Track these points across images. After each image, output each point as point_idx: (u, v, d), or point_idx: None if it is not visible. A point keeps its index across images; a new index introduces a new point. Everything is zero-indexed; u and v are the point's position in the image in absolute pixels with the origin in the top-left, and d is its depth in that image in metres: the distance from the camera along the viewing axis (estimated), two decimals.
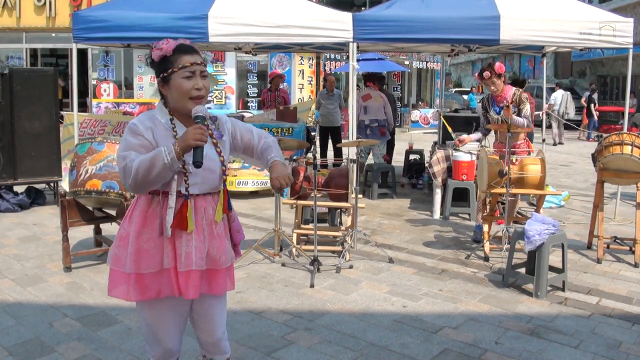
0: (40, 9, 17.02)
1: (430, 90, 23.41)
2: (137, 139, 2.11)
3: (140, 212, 2.17)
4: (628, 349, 3.34)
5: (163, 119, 2.17)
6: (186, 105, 2.14)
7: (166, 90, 2.17)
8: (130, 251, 2.14)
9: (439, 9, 6.02)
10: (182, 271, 2.15)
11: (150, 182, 2.06)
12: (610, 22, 5.94)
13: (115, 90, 18.01)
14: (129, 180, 2.06)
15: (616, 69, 23.34)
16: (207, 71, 2.22)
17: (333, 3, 14.75)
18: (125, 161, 2.06)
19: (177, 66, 2.12)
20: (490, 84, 5.30)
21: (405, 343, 3.39)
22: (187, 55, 2.14)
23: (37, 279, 4.41)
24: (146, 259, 2.15)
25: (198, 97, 2.14)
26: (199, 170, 2.11)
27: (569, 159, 12.75)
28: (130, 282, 2.16)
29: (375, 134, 8.14)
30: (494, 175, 4.93)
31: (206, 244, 2.21)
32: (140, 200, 2.19)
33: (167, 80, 2.14)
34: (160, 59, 2.15)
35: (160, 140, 2.13)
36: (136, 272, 2.15)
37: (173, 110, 2.18)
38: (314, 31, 6.07)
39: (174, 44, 2.15)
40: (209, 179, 2.20)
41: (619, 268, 4.86)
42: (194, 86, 2.13)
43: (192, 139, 2.03)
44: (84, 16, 6.38)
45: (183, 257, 2.15)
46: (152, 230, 2.15)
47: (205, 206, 2.21)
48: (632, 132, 5.19)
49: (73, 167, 4.56)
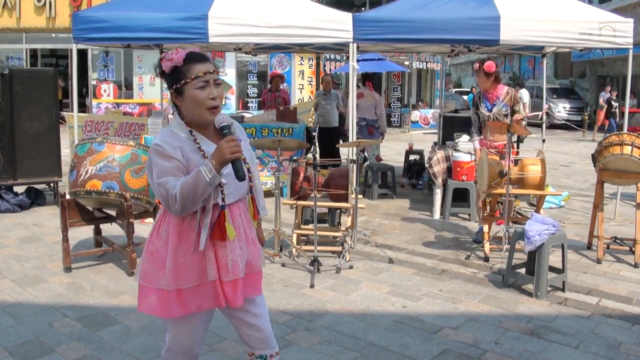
0: (40, 9, 17.03)
1: (430, 91, 23.41)
2: (170, 162, 2.04)
3: (175, 228, 2.12)
4: (628, 349, 3.34)
5: (182, 133, 2.11)
6: (203, 116, 2.10)
7: (180, 101, 2.11)
8: (170, 267, 2.11)
9: (439, 9, 6.01)
10: (229, 280, 2.14)
11: (196, 202, 2.03)
12: (610, 23, 5.94)
13: (115, 90, 18.02)
14: (175, 206, 2.01)
15: (616, 69, 23.35)
16: (220, 79, 2.17)
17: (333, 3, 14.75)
18: (166, 189, 2.01)
19: (190, 76, 2.05)
20: (477, 75, 5.36)
21: (405, 343, 3.39)
22: (199, 64, 2.07)
23: (37, 279, 4.41)
24: (185, 274, 2.11)
25: (214, 107, 2.09)
26: (230, 179, 2.09)
27: (569, 159, 12.75)
28: (170, 299, 2.12)
29: (363, 132, 8.15)
30: (494, 176, 4.93)
31: (245, 250, 2.22)
32: (171, 216, 2.13)
33: (181, 92, 2.09)
34: (171, 70, 2.08)
35: (190, 156, 2.07)
36: (176, 288, 2.11)
37: (189, 121, 2.13)
38: (314, 31, 6.07)
39: (184, 54, 2.08)
40: (239, 186, 2.18)
41: (619, 268, 4.86)
42: (209, 96, 2.07)
43: (229, 152, 1.99)
44: (84, 16, 6.38)
45: (230, 266, 2.13)
46: (189, 244, 2.11)
47: (239, 213, 2.20)
48: (632, 133, 5.19)
49: (73, 168, 4.56)
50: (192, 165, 2.06)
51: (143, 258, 2.21)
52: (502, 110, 5.33)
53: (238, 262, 2.16)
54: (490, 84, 5.32)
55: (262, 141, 5.81)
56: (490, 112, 5.35)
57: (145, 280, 2.18)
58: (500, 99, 5.34)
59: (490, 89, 5.35)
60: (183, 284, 2.12)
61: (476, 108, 5.50)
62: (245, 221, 2.24)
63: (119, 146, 4.53)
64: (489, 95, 5.38)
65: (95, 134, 7.84)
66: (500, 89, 5.38)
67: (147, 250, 2.19)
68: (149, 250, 2.19)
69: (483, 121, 5.44)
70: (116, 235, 5.21)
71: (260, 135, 7.53)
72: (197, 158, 2.07)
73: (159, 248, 2.15)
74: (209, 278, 2.13)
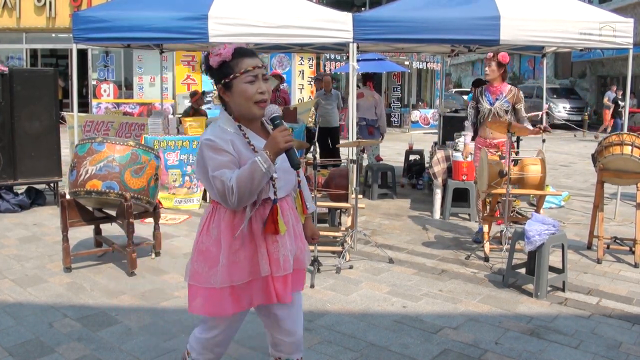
0: (40, 9, 17.04)
1: (430, 91, 23.42)
2: (224, 155, 2.04)
3: (227, 224, 2.12)
4: (628, 349, 3.34)
5: (231, 129, 2.12)
6: (251, 110, 2.10)
7: (228, 96, 2.12)
8: (223, 263, 2.10)
9: (439, 9, 6.01)
10: (280, 276, 2.14)
11: (252, 194, 2.03)
12: (610, 23, 5.94)
13: (115, 90, 18.03)
14: (232, 198, 2.00)
15: (616, 69, 23.34)
16: (267, 74, 2.18)
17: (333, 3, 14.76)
18: (222, 181, 2.01)
19: (239, 71, 2.06)
20: (487, 64, 5.34)
21: (405, 343, 3.39)
22: (247, 59, 2.08)
23: (37, 279, 4.41)
24: (238, 271, 2.11)
25: (262, 101, 2.10)
26: (281, 174, 2.12)
27: (569, 159, 12.75)
28: (223, 296, 2.12)
29: (363, 132, 8.15)
30: (494, 176, 4.93)
31: (294, 246, 2.22)
32: (222, 213, 2.13)
33: (229, 86, 2.09)
34: (219, 65, 2.09)
35: (241, 150, 2.08)
36: (230, 285, 2.12)
37: (237, 116, 2.14)
38: (314, 31, 6.07)
39: (232, 49, 2.08)
40: (288, 181, 2.20)
41: (619, 268, 4.86)
42: (258, 90, 2.08)
43: (283, 142, 2.00)
44: (84, 16, 6.38)
45: (282, 261, 2.14)
46: (239, 240, 2.11)
47: (287, 208, 2.21)
48: (632, 133, 5.19)
49: (73, 168, 4.56)
50: (244, 160, 2.06)
51: (192, 258, 2.19)
52: (504, 105, 5.33)
53: (289, 257, 2.17)
54: (498, 76, 5.33)
55: None
56: (492, 106, 5.35)
57: (195, 279, 2.17)
58: (504, 94, 5.34)
59: (496, 82, 5.36)
60: (237, 280, 2.11)
61: (476, 102, 5.48)
62: (293, 216, 2.25)
63: (119, 146, 4.53)
64: (492, 89, 5.38)
65: (95, 134, 7.85)
66: (505, 86, 5.39)
67: (197, 249, 2.17)
68: (198, 249, 2.17)
69: (482, 116, 5.42)
70: (116, 235, 5.21)
71: None
72: (247, 152, 2.08)
73: (209, 246, 2.13)
74: (262, 273, 2.12)
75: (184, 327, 3.55)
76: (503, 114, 5.33)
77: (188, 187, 6.98)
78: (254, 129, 2.17)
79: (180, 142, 6.97)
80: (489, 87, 5.42)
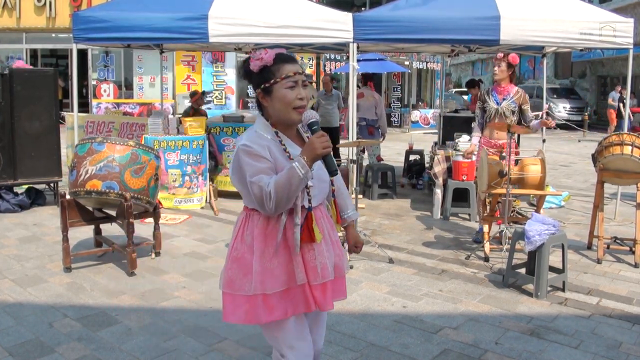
0: (40, 9, 17.04)
1: (431, 91, 23.42)
2: (261, 162, 2.02)
3: (260, 231, 2.10)
4: (628, 349, 3.34)
5: (268, 135, 2.10)
6: (290, 115, 2.08)
7: (267, 101, 2.09)
8: (257, 270, 2.08)
9: (439, 9, 6.02)
10: (318, 284, 2.12)
11: (289, 200, 2.01)
12: (610, 23, 5.94)
13: (115, 90, 18.03)
14: (269, 203, 1.98)
15: (616, 69, 23.34)
16: (307, 80, 2.17)
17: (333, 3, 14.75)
18: (260, 187, 1.99)
19: (279, 76, 2.05)
20: (497, 64, 5.35)
21: (405, 343, 3.39)
22: (288, 65, 2.08)
23: (37, 279, 4.41)
24: (271, 279, 2.08)
25: (301, 107, 2.08)
26: (316, 182, 2.09)
27: (569, 159, 12.75)
28: (257, 304, 2.08)
29: (363, 132, 8.15)
30: (494, 176, 4.93)
31: (332, 253, 2.20)
32: (255, 219, 2.11)
33: (269, 91, 2.07)
34: (260, 69, 2.07)
35: (277, 156, 2.06)
36: (263, 293, 2.08)
37: (275, 122, 2.12)
38: (314, 31, 6.08)
39: (274, 53, 2.07)
40: (322, 189, 2.18)
41: (619, 268, 4.86)
42: (297, 96, 2.06)
43: (321, 147, 1.98)
44: (84, 16, 6.39)
45: (319, 269, 2.12)
46: (274, 247, 2.09)
47: (321, 216, 2.19)
48: (632, 133, 5.19)
49: (73, 168, 4.56)
50: (280, 166, 2.04)
51: (226, 265, 2.17)
52: (510, 106, 5.33)
53: (327, 265, 2.14)
54: (506, 77, 5.34)
55: None
56: (498, 106, 5.35)
57: (229, 287, 2.14)
58: (511, 94, 5.35)
59: (504, 82, 5.36)
60: (270, 288, 2.08)
61: (483, 102, 5.49)
62: (328, 223, 2.23)
63: (119, 146, 4.53)
64: (500, 89, 5.38)
65: (97, 135, 7.85)
66: (512, 87, 5.39)
67: (231, 257, 2.16)
68: (232, 256, 2.15)
69: (488, 116, 5.43)
70: (116, 235, 5.21)
71: None
72: (283, 159, 2.06)
73: (244, 254, 2.11)
74: (297, 282, 2.10)
75: (184, 327, 3.55)
76: (509, 115, 5.33)
77: (188, 187, 6.98)
78: (290, 135, 2.16)
79: (180, 142, 6.97)
80: (496, 87, 5.42)
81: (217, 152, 7.51)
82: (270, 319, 2.10)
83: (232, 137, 7.56)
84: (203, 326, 3.58)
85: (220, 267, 2.30)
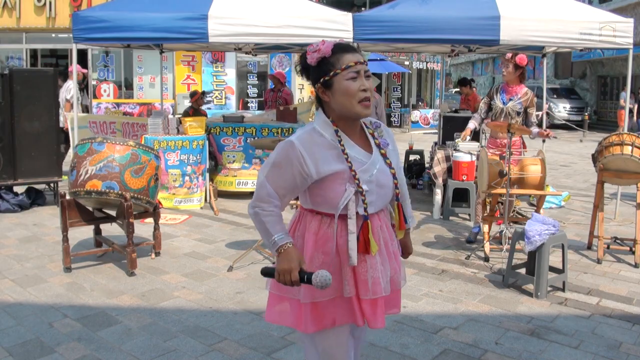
0: (40, 9, 17.02)
1: (431, 91, 23.43)
2: (285, 173, 1.90)
3: (311, 235, 1.97)
4: (628, 349, 3.34)
5: (327, 134, 1.94)
6: (355, 109, 1.91)
7: (328, 96, 1.93)
8: None
9: (439, 9, 6.02)
10: (368, 299, 1.97)
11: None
12: (610, 23, 5.94)
13: (115, 90, 18.01)
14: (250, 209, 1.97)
15: (616, 69, 23.34)
16: (369, 70, 1.99)
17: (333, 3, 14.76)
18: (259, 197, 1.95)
19: (340, 67, 1.89)
20: (504, 65, 5.34)
21: (405, 343, 3.39)
22: (348, 54, 1.91)
23: (37, 279, 4.41)
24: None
25: (365, 99, 1.91)
26: (374, 187, 1.94)
27: (569, 159, 12.75)
28: (305, 312, 1.98)
29: None
30: (494, 176, 4.93)
31: (387, 266, 2.04)
32: (308, 221, 2.00)
33: (329, 85, 1.91)
34: (317, 62, 1.91)
35: (319, 158, 1.90)
36: (311, 301, 1.96)
37: (337, 117, 1.95)
38: (314, 31, 6.07)
39: (331, 44, 1.91)
40: (382, 195, 2.00)
41: (619, 268, 4.86)
42: (361, 87, 1.90)
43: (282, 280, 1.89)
44: (84, 16, 6.39)
45: (370, 284, 1.96)
46: (325, 254, 1.96)
47: (380, 224, 2.03)
48: (632, 133, 5.20)
49: (73, 168, 4.56)
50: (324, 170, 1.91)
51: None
52: (516, 106, 5.32)
53: (379, 280, 1.97)
54: (515, 77, 5.33)
55: (262, 141, 5.80)
56: (504, 106, 5.35)
57: (277, 288, 2.04)
58: (519, 95, 5.34)
59: (513, 83, 5.36)
60: (319, 296, 1.96)
61: (490, 98, 5.49)
62: (387, 233, 2.07)
63: (119, 146, 4.53)
64: (509, 89, 5.37)
65: (97, 135, 7.85)
66: (521, 88, 5.38)
67: None
68: None
69: (493, 114, 5.42)
70: (116, 235, 5.21)
71: (260, 135, 7.53)
72: (335, 163, 1.91)
73: None
74: (344, 294, 1.97)
75: (184, 327, 3.55)
76: (514, 115, 5.32)
77: (188, 187, 6.98)
78: (351, 134, 1.98)
79: (180, 142, 6.97)
80: (505, 86, 5.41)
81: (217, 152, 7.51)
82: (317, 329, 2.00)
83: (232, 137, 7.56)
84: (203, 326, 3.58)
85: (220, 267, 2.29)
